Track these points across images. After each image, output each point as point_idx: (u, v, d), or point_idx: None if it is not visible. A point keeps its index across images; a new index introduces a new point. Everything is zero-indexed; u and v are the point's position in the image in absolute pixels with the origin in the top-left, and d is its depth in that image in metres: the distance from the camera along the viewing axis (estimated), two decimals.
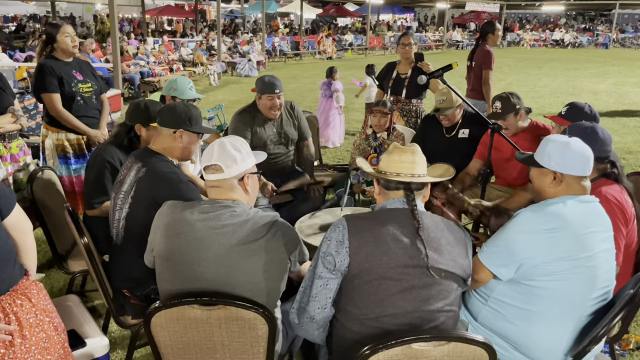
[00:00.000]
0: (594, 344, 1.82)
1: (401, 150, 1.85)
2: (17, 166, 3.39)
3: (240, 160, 1.87)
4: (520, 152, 2.16)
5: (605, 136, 2.37)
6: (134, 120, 2.72)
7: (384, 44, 26.78)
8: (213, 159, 1.85)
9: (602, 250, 1.89)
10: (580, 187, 1.94)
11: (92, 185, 2.76)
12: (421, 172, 1.83)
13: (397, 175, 1.80)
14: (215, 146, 1.87)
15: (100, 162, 2.73)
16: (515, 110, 3.22)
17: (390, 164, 1.84)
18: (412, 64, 4.74)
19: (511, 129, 3.27)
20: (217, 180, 1.86)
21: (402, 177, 1.79)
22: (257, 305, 1.72)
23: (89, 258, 2.26)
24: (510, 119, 3.24)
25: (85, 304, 2.64)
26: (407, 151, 1.84)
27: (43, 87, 3.49)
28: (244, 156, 1.89)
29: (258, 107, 3.60)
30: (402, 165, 1.81)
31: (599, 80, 15.35)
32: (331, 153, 6.87)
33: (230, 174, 1.86)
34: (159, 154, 2.36)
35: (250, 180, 1.93)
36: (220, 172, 1.85)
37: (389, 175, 1.82)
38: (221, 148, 1.86)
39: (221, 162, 1.84)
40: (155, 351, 1.83)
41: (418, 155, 1.85)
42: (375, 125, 3.91)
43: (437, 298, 1.70)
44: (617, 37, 32.55)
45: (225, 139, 1.90)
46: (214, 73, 13.97)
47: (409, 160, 1.82)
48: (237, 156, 1.86)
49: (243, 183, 1.90)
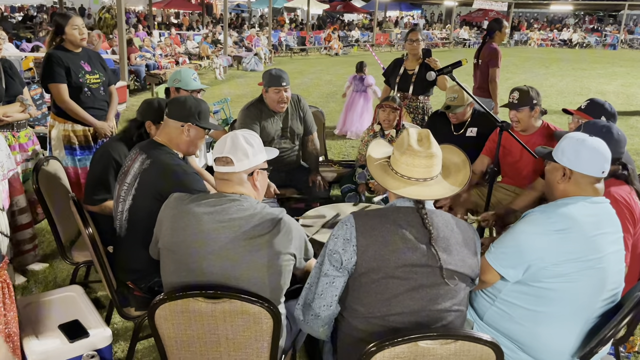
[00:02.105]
0: (601, 345, 1.81)
1: (413, 154, 1.71)
2: (25, 155, 3.37)
3: (251, 154, 1.85)
4: (542, 147, 2.12)
5: (620, 137, 2.33)
6: (145, 117, 2.69)
7: (391, 41, 26.70)
8: (225, 151, 1.83)
9: (612, 251, 1.87)
10: (592, 188, 1.91)
11: (96, 181, 2.74)
12: (435, 173, 1.74)
13: (407, 180, 1.72)
14: (228, 139, 1.85)
15: (106, 158, 2.70)
16: (531, 104, 3.16)
17: (400, 165, 1.74)
18: (419, 60, 4.71)
19: (522, 124, 3.21)
20: (226, 173, 1.85)
21: (412, 184, 1.71)
22: (262, 299, 1.70)
23: (93, 249, 2.25)
24: (524, 112, 3.17)
25: (89, 295, 2.64)
26: (420, 154, 1.71)
27: (50, 77, 3.48)
28: (256, 151, 1.87)
29: (265, 101, 3.59)
30: (413, 169, 1.72)
31: (607, 81, 15.26)
32: (336, 149, 6.85)
33: (241, 168, 1.84)
34: (164, 147, 2.35)
35: (259, 175, 1.91)
36: (231, 165, 1.83)
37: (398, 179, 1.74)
38: (233, 141, 1.84)
39: (232, 154, 1.82)
40: (159, 343, 1.82)
41: (434, 158, 1.72)
42: (383, 121, 3.88)
43: (445, 297, 1.68)
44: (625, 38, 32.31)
45: (239, 132, 1.88)
46: (219, 67, 13.94)
47: (422, 165, 1.71)
48: (248, 150, 1.84)
49: (252, 178, 1.89)
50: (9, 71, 3.32)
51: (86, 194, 2.79)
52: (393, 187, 1.74)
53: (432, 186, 1.73)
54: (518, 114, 3.19)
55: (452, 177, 1.81)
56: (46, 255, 3.67)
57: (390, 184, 1.75)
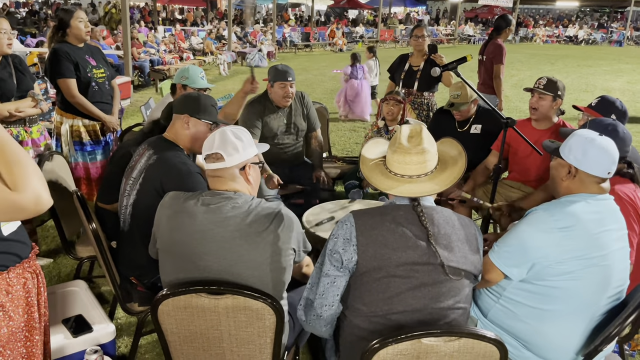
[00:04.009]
0: (606, 343, 1.79)
1: (404, 151, 1.70)
2: (38, 151, 3.36)
3: (241, 148, 1.83)
4: (550, 140, 2.09)
5: (626, 135, 2.32)
6: (167, 120, 2.68)
7: (395, 37, 26.61)
8: (214, 148, 1.81)
9: (616, 249, 1.85)
10: (596, 187, 1.89)
11: (112, 181, 2.71)
12: (430, 169, 1.72)
13: (401, 177, 1.71)
14: (217, 135, 1.84)
15: (126, 161, 2.68)
16: (556, 94, 3.12)
17: (393, 164, 1.73)
18: (424, 57, 4.69)
19: (541, 111, 3.17)
20: (218, 169, 1.83)
21: (405, 182, 1.70)
22: (265, 295, 1.70)
23: (97, 244, 2.25)
24: (547, 100, 3.13)
25: (93, 290, 2.64)
26: (410, 152, 1.70)
27: (59, 72, 3.46)
28: (246, 145, 1.85)
29: (269, 96, 3.58)
30: (406, 167, 1.71)
31: (612, 77, 15.17)
32: (340, 145, 6.85)
33: (232, 163, 1.82)
34: (172, 143, 2.34)
35: (252, 170, 1.89)
36: (221, 160, 1.81)
37: (392, 177, 1.73)
38: (222, 136, 1.82)
39: (222, 150, 1.80)
40: (162, 339, 1.82)
41: (425, 154, 1.71)
42: (387, 114, 3.86)
43: (447, 295, 1.67)
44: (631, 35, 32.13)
45: (227, 128, 1.87)
46: (223, 62, 13.94)
47: (414, 161, 1.71)
48: (238, 144, 1.82)
49: (244, 173, 1.86)
50: (19, 67, 3.31)
51: (101, 191, 2.78)
52: (385, 187, 1.73)
53: (422, 183, 1.72)
54: (540, 100, 3.15)
55: (449, 170, 1.78)
56: (50, 250, 3.69)
57: (382, 183, 1.74)
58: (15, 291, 1.56)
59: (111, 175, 2.75)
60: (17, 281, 1.57)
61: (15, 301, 1.56)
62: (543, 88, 3.13)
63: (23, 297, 1.59)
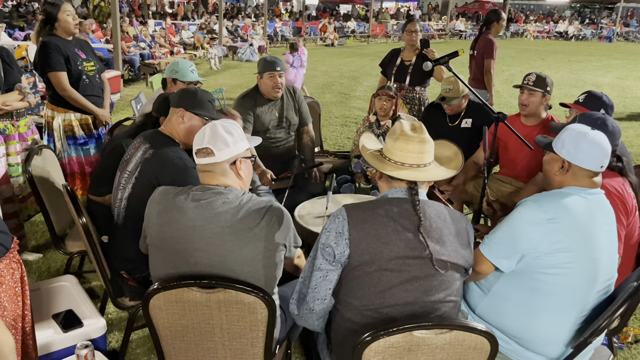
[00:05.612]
0: (595, 335, 1.81)
1: (407, 139, 1.71)
2: (25, 145, 3.32)
3: (232, 143, 1.81)
4: (542, 135, 2.11)
5: (615, 129, 2.33)
6: (161, 112, 2.67)
7: (387, 32, 26.59)
8: (205, 142, 1.80)
9: (605, 242, 1.87)
10: (589, 181, 1.90)
11: (104, 173, 2.70)
12: (428, 161, 1.74)
13: (401, 165, 1.72)
14: (207, 129, 1.82)
15: (118, 152, 2.65)
16: (545, 90, 3.16)
17: (394, 152, 1.74)
18: (416, 51, 4.69)
19: (531, 108, 3.20)
20: (208, 164, 1.81)
21: (406, 169, 1.71)
22: (257, 289, 1.69)
23: (87, 239, 2.24)
24: (536, 96, 3.17)
25: (83, 285, 2.63)
26: (413, 140, 1.71)
27: (50, 65, 3.41)
28: (236, 139, 1.84)
29: (260, 89, 3.58)
30: (407, 155, 1.72)
31: (602, 73, 15.29)
32: (332, 140, 6.84)
33: (222, 157, 1.80)
34: (168, 137, 2.33)
35: (243, 164, 1.87)
36: (212, 155, 1.80)
37: (392, 165, 1.74)
38: (212, 131, 1.81)
39: (212, 145, 1.79)
40: (153, 333, 1.82)
41: (426, 144, 1.73)
42: (379, 109, 3.86)
43: (438, 289, 1.68)
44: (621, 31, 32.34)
45: (217, 122, 1.85)
46: (214, 57, 13.87)
47: (416, 150, 1.71)
48: (228, 139, 1.81)
49: (235, 167, 1.85)
50: (6, 59, 3.25)
51: (92, 184, 2.77)
52: (389, 171, 1.73)
53: (428, 169, 1.74)
54: (530, 96, 3.17)
55: (444, 167, 1.82)
56: (40, 245, 3.66)
57: (386, 167, 1.75)
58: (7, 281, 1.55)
59: (102, 167, 2.74)
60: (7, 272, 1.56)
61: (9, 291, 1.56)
62: (533, 85, 3.15)
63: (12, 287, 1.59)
